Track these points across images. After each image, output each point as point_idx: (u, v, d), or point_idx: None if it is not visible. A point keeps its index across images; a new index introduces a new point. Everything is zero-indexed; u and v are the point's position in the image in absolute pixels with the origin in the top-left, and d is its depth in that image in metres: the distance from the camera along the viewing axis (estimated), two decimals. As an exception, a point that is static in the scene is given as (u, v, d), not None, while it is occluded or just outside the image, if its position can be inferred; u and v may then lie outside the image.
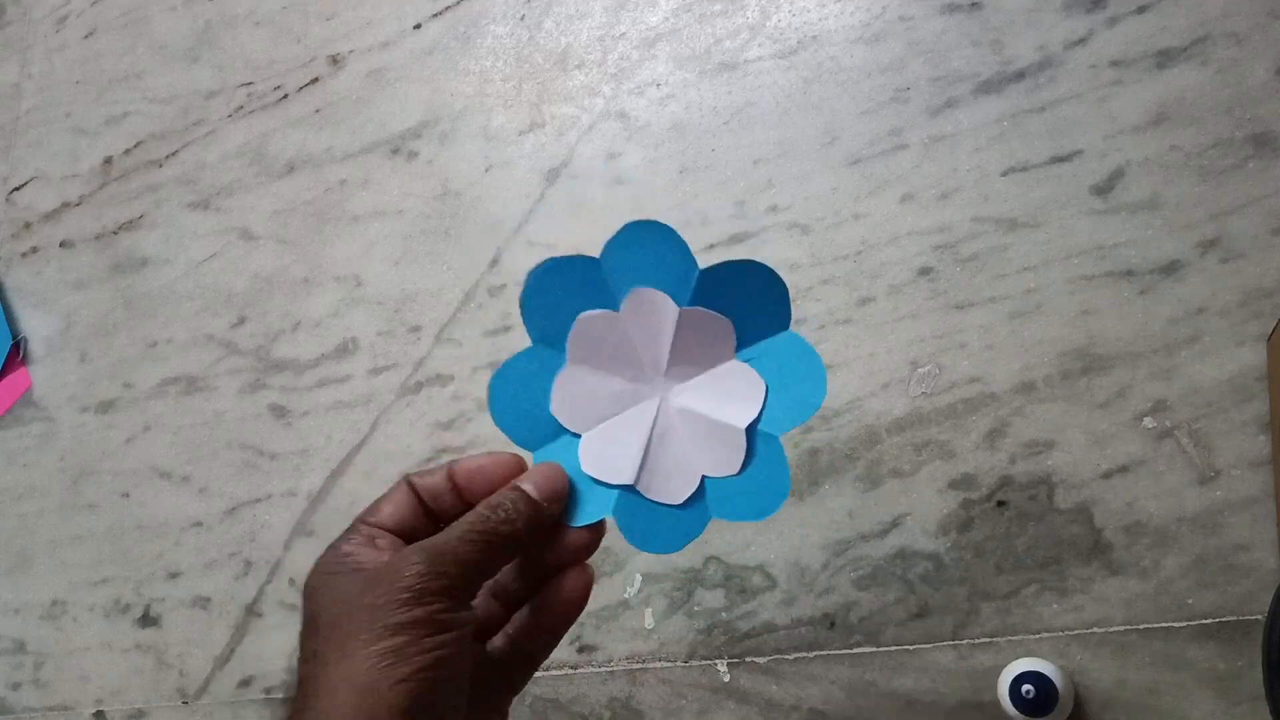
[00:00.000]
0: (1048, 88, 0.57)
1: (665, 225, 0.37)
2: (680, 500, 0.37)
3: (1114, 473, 0.51)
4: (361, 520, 0.33)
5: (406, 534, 0.33)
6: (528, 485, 0.34)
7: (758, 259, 0.36)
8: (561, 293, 0.38)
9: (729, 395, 0.37)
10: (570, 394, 0.38)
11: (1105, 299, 0.53)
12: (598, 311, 0.38)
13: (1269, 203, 0.51)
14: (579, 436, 0.37)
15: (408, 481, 0.35)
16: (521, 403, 0.38)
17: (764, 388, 0.36)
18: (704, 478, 0.37)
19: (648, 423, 0.38)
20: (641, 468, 0.37)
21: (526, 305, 0.38)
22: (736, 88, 0.65)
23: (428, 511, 0.35)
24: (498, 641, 0.36)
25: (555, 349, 0.38)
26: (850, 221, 0.59)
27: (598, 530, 0.36)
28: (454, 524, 0.32)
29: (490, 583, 0.36)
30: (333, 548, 0.32)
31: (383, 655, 0.28)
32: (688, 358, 0.37)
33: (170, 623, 0.71)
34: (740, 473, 0.37)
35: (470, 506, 0.33)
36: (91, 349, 0.80)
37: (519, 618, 0.36)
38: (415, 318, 0.69)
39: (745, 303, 0.37)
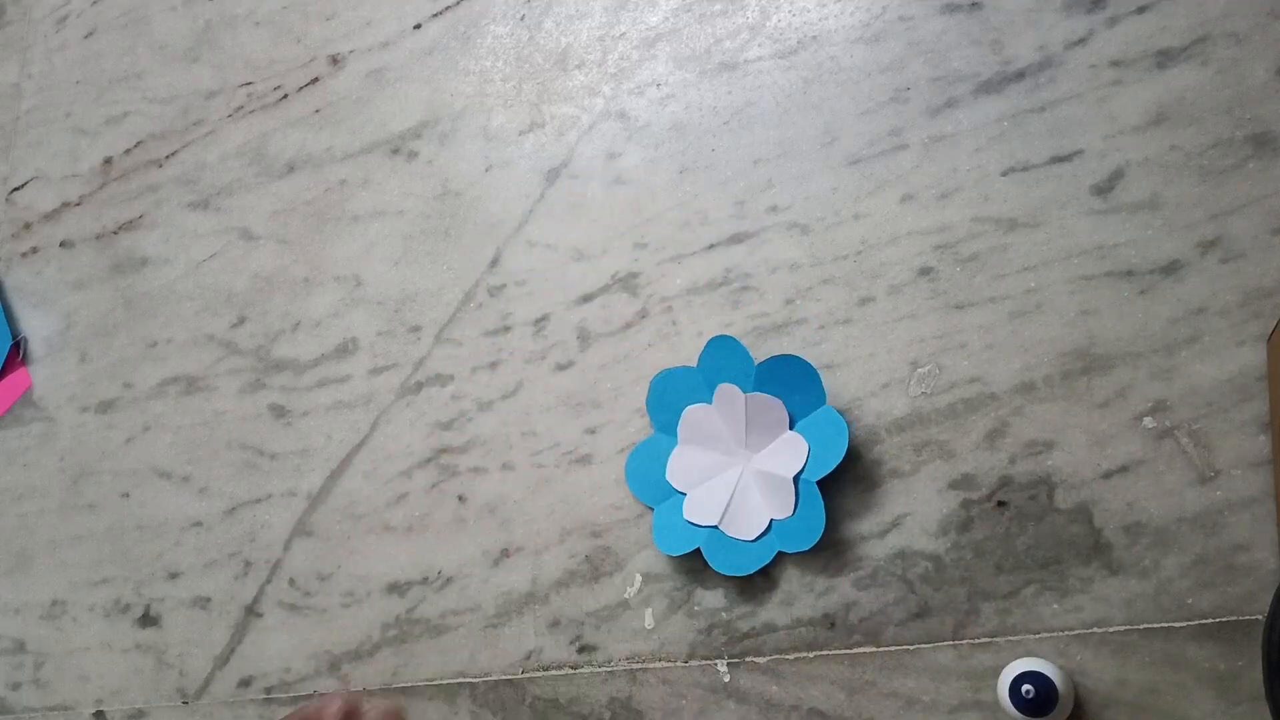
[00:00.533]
0: (1048, 88, 0.57)
1: (731, 338, 0.57)
2: (752, 537, 0.55)
3: (1114, 473, 0.51)
4: None
5: None
6: None
7: (799, 355, 0.55)
8: (672, 393, 0.59)
9: (786, 458, 0.55)
10: (680, 465, 0.57)
11: (1105, 299, 0.53)
12: (697, 405, 0.58)
13: (1269, 203, 0.51)
14: (685, 494, 0.57)
15: None
16: (646, 473, 0.58)
17: (807, 449, 0.54)
18: (771, 520, 0.55)
19: (732, 482, 0.56)
20: (725, 514, 0.55)
21: (650, 405, 0.59)
22: (736, 88, 0.65)
23: None
24: None
25: (669, 434, 0.58)
26: (850, 221, 0.59)
27: None
28: None
29: None
30: None
31: None
32: (759, 432, 0.56)
33: (170, 623, 0.71)
34: (793, 514, 0.54)
35: None
36: (91, 349, 0.80)
37: None
38: (415, 318, 0.69)
39: (791, 385, 0.55)
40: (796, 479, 0.54)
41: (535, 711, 0.60)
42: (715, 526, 0.55)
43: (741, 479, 0.56)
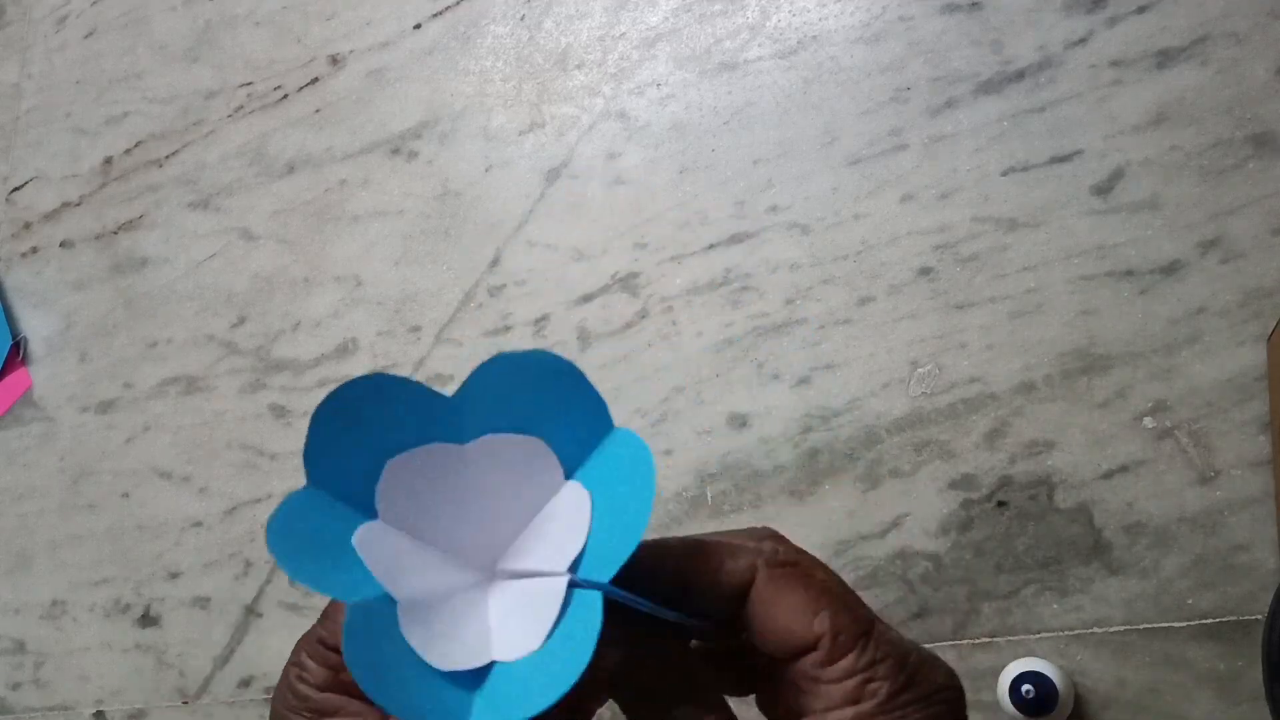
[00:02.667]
0: (1048, 88, 0.57)
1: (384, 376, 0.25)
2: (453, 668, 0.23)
3: (1114, 473, 0.51)
4: (319, 638, 0.26)
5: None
6: None
7: (535, 349, 0.25)
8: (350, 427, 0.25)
9: (551, 537, 0.25)
10: (385, 554, 0.25)
11: (1105, 299, 0.53)
12: (405, 456, 0.25)
13: (1269, 203, 0.51)
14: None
15: None
16: (313, 548, 0.26)
17: (587, 518, 0.24)
18: (493, 661, 0.23)
19: (475, 603, 0.25)
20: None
21: (315, 443, 0.25)
22: (736, 88, 0.65)
23: None
24: None
25: (342, 498, 0.26)
26: (850, 221, 0.59)
27: None
28: None
29: None
30: (285, 681, 0.26)
31: None
32: (507, 503, 0.25)
33: (170, 623, 0.71)
34: (540, 648, 0.23)
35: None
36: (91, 349, 0.80)
37: None
38: (415, 318, 0.69)
39: (548, 410, 0.25)
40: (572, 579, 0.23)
41: (535, 711, 0.60)
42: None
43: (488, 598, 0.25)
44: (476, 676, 0.23)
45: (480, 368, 0.24)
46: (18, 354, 0.82)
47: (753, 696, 0.26)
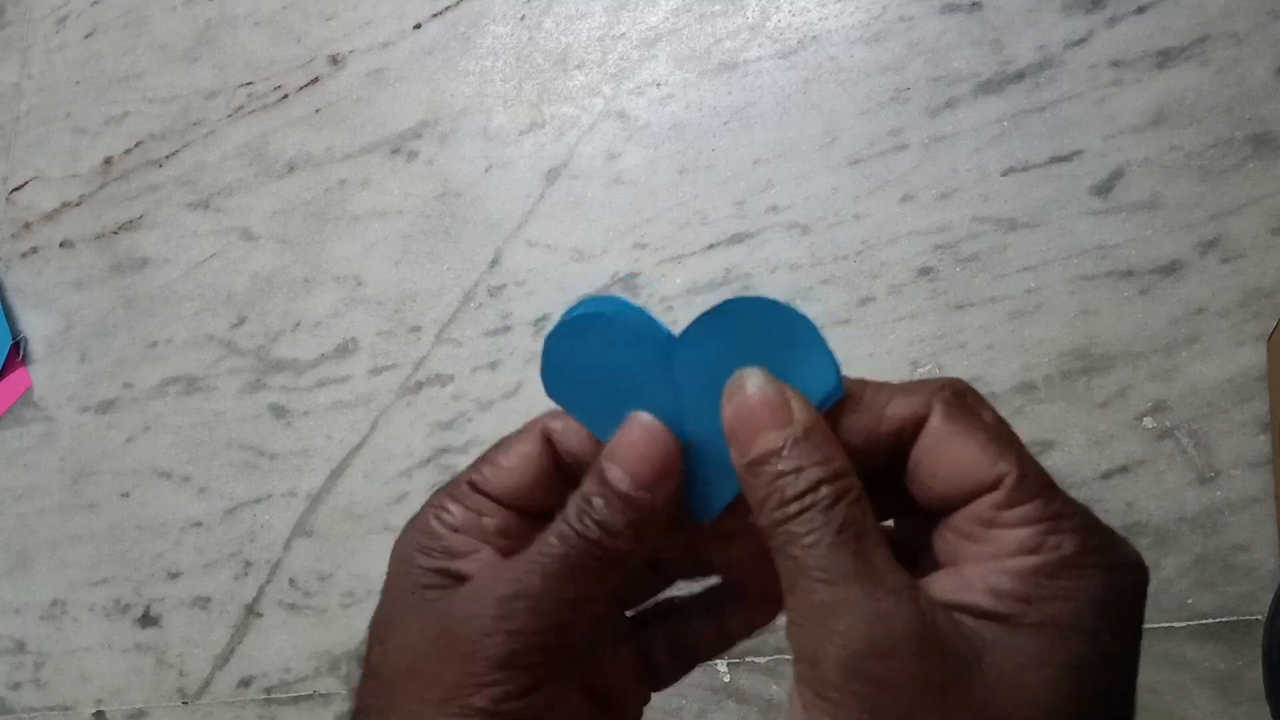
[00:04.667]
0: (1048, 88, 0.57)
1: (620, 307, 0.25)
2: None
3: (1114, 473, 0.51)
4: (471, 481, 0.24)
5: (530, 505, 0.24)
6: (616, 472, 0.23)
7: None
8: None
9: None
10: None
11: (1105, 299, 0.53)
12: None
13: (1269, 203, 0.51)
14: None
15: (542, 427, 0.25)
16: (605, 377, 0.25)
17: None
18: None
19: None
20: None
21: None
22: (736, 88, 0.65)
23: (564, 473, 0.25)
24: (657, 637, 0.26)
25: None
26: (850, 221, 0.59)
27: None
28: (536, 540, 0.23)
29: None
30: (424, 519, 0.24)
31: None
32: None
33: (170, 623, 0.71)
34: None
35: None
36: (91, 349, 0.80)
37: (688, 609, 0.27)
38: (415, 318, 0.69)
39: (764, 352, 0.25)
40: None
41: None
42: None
43: None
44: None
45: (714, 311, 0.24)
46: (18, 354, 0.82)
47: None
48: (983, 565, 0.20)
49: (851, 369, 0.61)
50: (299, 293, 0.74)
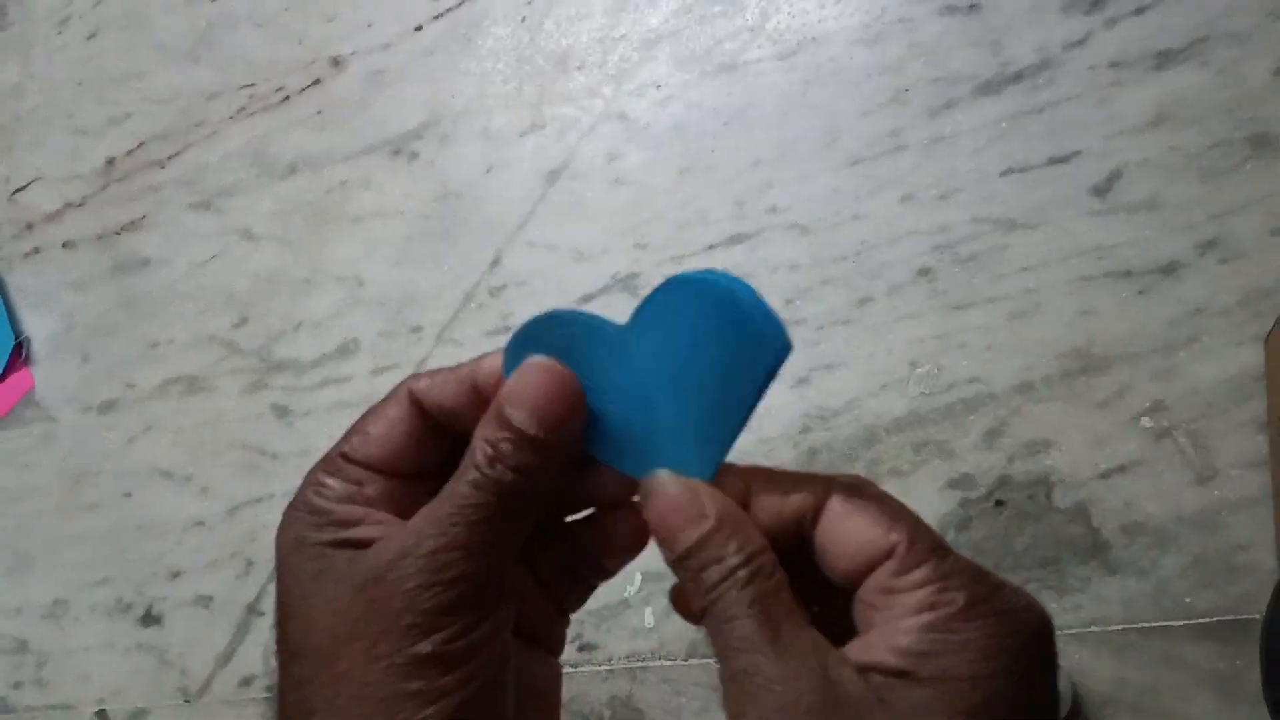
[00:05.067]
0: (1047, 89, 0.57)
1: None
2: None
3: (1113, 472, 0.51)
4: (342, 453, 0.25)
5: (404, 469, 0.25)
6: (521, 415, 0.23)
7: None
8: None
9: None
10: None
11: (1104, 299, 0.53)
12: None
13: (1268, 203, 0.52)
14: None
15: (408, 390, 0.25)
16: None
17: None
18: None
19: None
20: None
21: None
22: (736, 89, 0.65)
23: (434, 432, 0.25)
24: (549, 563, 0.27)
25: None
26: (850, 222, 0.60)
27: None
28: (445, 490, 0.23)
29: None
30: (304, 498, 0.25)
31: (390, 712, 0.22)
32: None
33: (172, 622, 0.72)
34: None
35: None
36: (93, 349, 0.80)
37: (579, 537, 0.27)
38: (416, 318, 0.70)
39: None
40: None
41: (536, 711, 0.60)
42: None
43: None
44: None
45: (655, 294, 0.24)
46: (20, 354, 0.82)
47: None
48: (886, 628, 0.22)
49: (852, 369, 0.61)
50: (300, 293, 0.74)
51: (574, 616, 0.28)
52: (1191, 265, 0.52)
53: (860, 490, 0.24)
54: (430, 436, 0.25)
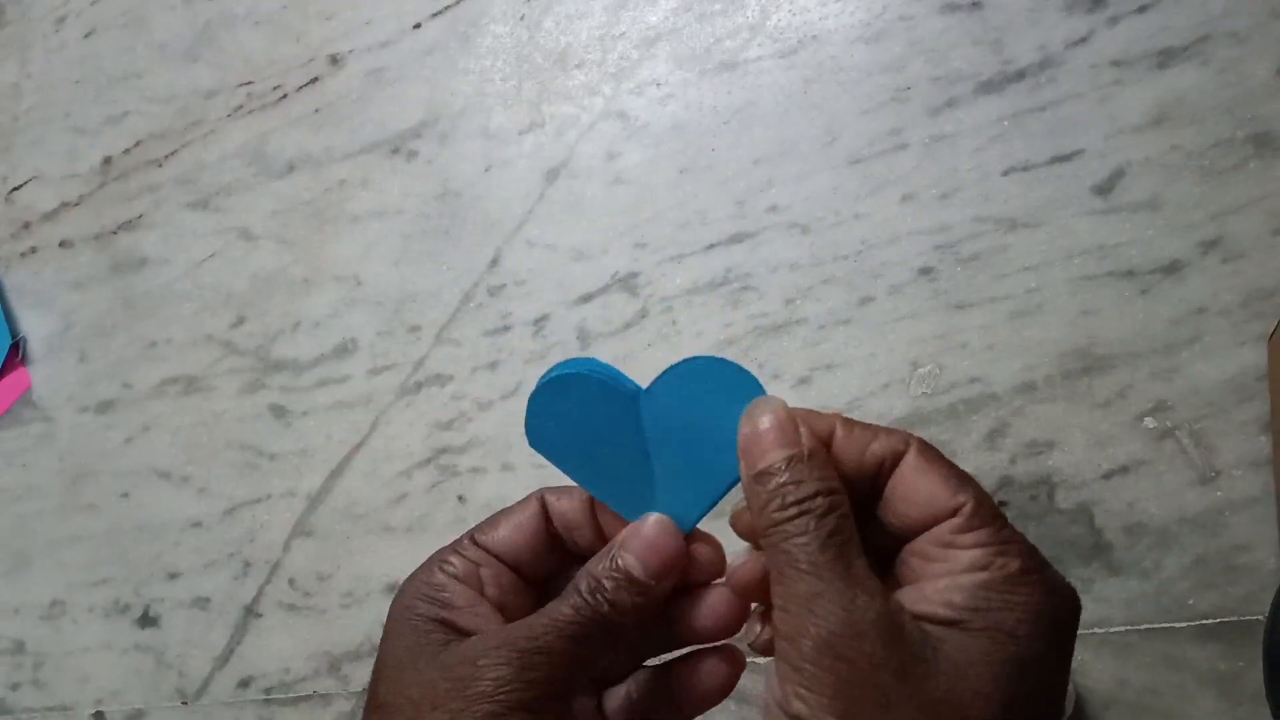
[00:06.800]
0: (1048, 87, 0.57)
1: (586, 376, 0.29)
2: None
3: (1115, 473, 0.51)
4: (473, 537, 0.29)
5: (523, 564, 0.29)
6: (630, 560, 0.26)
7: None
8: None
9: None
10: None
11: (1106, 299, 0.53)
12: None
13: (1270, 203, 0.51)
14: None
15: (540, 498, 0.29)
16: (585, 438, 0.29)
17: None
18: None
19: None
20: None
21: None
22: (736, 87, 0.64)
23: (554, 540, 0.29)
24: (615, 704, 0.29)
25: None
26: (850, 221, 0.59)
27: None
28: (548, 606, 0.26)
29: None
30: (428, 570, 0.28)
31: None
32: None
33: (169, 623, 0.71)
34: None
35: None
36: (91, 349, 0.80)
37: (644, 681, 0.30)
38: (415, 318, 0.69)
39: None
40: None
41: (535, 712, 0.60)
42: None
43: None
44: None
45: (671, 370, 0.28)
46: (17, 354, 0.82)
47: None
48: (941, 580, 0.24)
49: (852, 369, 0.61)
50: (298, 293, 0.74)
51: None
52: (1193, 265, 0.52)
53: (935, 451, 0.27)
54: (549, 543, 0.29)
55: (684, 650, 0.30)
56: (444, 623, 0.27)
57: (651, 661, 0.30)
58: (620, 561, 0.26)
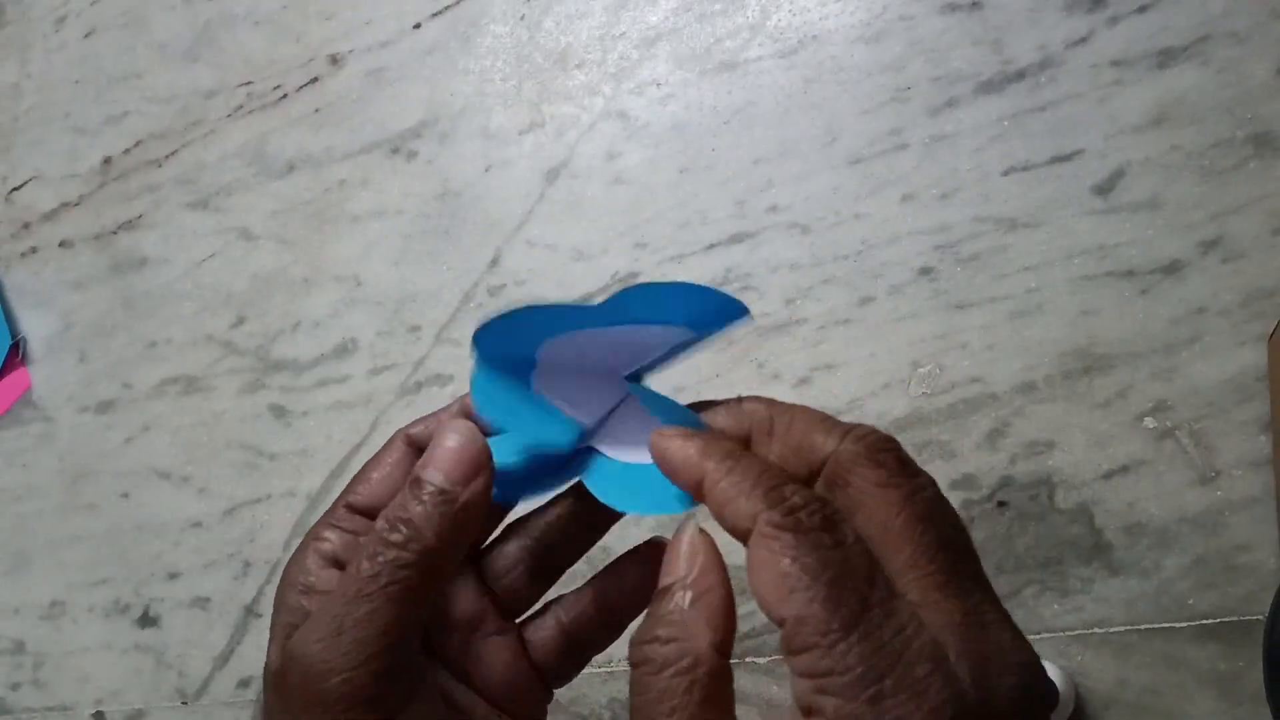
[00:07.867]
0: (1048, 87, 0.57)
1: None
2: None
3: (1115, 473, 0.51)
4: (347, 502, 0.25)
5: None
6: (430, 473, 0.23)
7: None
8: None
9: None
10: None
11: (1106, 299, 0.53)
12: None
13: (1270, 203, 0.51)
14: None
15: (404, 436, 0.26)
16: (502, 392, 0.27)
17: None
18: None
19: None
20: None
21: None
22: (737, 87, 0.64)
23: None
24: (544, 631, 0.27)
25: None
26: (851, 221, 0.59)
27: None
28: (348, 569, 0.23)
29: (528, 542, 0.28)
30: (301, 555, 0.25)
31: None
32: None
33: (169, 623, 0.71)
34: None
35: None
36: (91, 349, 0.80)
37: (573, 600, 0.28)
38: (415, 318, 0.69)
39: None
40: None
41: (535, 712, 0.60)
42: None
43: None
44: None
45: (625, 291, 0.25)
46: (17, 354, 0.82)
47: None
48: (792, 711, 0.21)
49: (852, 369, 0.61)
50: (298, 293, 0.74)
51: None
52: (1193, 265, 0.52)
53: (786, 527, 0.21)
54: None
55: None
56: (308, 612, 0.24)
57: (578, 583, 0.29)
58: (421, 477, 0.23)
